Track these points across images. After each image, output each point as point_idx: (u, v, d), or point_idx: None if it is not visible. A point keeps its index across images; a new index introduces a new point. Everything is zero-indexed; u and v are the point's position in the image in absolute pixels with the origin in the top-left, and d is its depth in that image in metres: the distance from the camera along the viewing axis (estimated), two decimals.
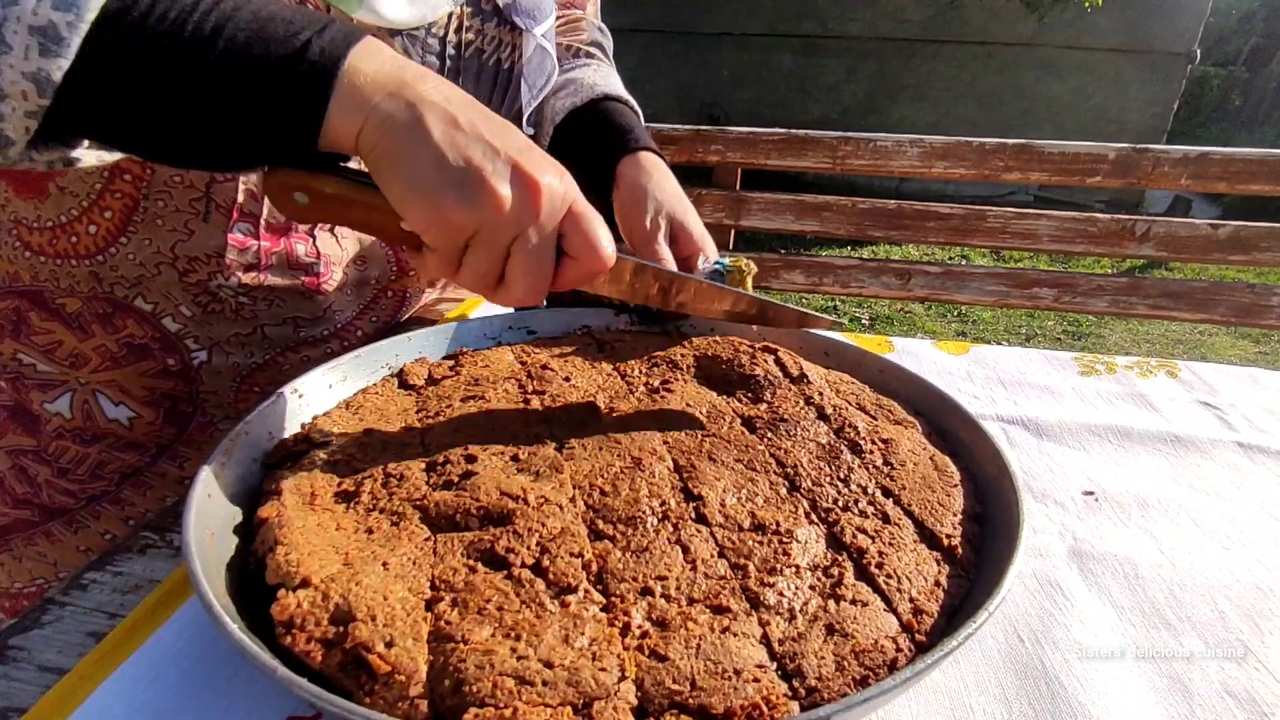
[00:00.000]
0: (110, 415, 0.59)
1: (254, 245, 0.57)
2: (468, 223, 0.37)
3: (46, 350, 0.57)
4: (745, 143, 1.58)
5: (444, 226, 0.37)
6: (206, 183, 0.54)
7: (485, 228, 0.37)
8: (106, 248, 0.54)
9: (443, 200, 0.36)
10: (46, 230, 0.54)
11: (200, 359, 0.60)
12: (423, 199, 0.36)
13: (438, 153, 0.36)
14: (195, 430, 0.62)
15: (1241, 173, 1.43)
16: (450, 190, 0.36)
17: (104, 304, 0.56)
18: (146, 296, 0.57)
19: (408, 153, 0.36)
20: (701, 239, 0.61)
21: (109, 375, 0.58)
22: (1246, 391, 0.66)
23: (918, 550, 0.37)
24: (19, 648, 0.36)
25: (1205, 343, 3.34)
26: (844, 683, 0.30)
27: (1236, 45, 10.53)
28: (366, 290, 0.67)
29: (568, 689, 0.28)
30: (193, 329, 0.59)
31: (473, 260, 0.38)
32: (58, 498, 0.60)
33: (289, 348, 0.63)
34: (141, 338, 0.58)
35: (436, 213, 0.36)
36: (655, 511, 0.38)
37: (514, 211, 0.37)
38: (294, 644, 0.29)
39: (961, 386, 0.66)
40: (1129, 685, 0.37)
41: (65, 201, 0.53)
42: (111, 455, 0.60)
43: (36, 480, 0.60)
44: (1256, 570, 0.45)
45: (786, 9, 5.24)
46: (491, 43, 0.63)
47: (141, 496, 0.62)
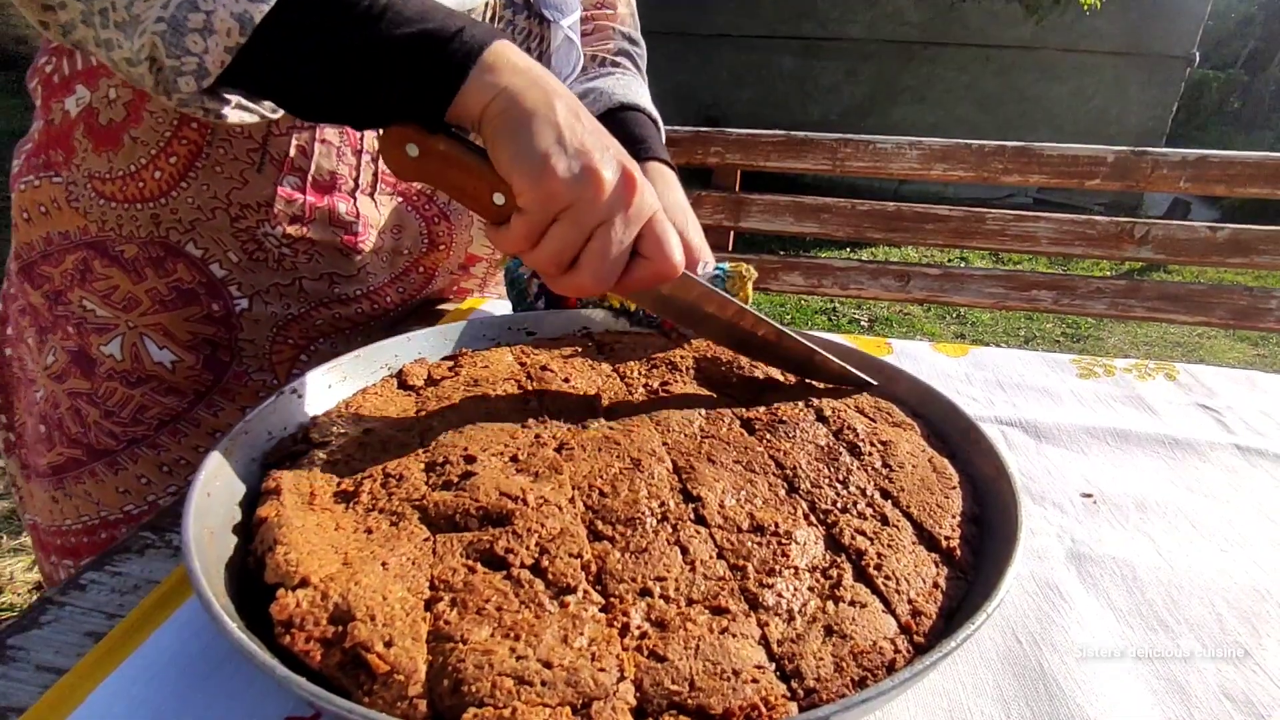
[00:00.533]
0: (156, 358, 0.63)
1: (300, 199, 0.63)
2: (567, 194, 0.39)
3: (105, 295, 0.62)
4: (745, 144, 1.58)
5: (544, 192, 0.39)
6: (263, 135, 0.60)
7: (581, 203, 0.40)
8: (169, 190, 0.60)
9: (552, 167, 0.39)
10: (118, 179, 0.59)
11: (242, 306, 0.64)
12: (534, 163, 0.39)
13: (558, 129, 0.40)
14: (231, 379, 0.66)
15: (1240, 176, 1.43)
16: (560, 160, 0.39)
17: (158, 248, 0.61)
18: (198, 241, 0.62)
19: (530, 122, 0.39)
20: (700, 249, 0.63)
21: (157, 318, 0.63)
22: (1244, 394, 0.66)
23: (916, 552, 0.37)
24: (17, 647, 0.36)
25: (1204, 345, 3.34)
26: (842, 684, 0.30)
27: (1235, 48, 10.55)
28: (399, 261, 0.71)
29: (567, 689, 0.28)
30: (237, 275, 0.63)
31: (558, 233, 0.40)
32: (103, 439, 0.64)
33: (323, 303, 0.68)
34: (190, 282, 0.62)
35: (542, 177, 0.39)
36: (654, 512, 0.38)
37: (611, 197, 0.40)
38: (293, 643, 0.29)
39: (960, 389, 0.66)
40: (1127, 687, 0.37)
41: (136, 151, 0.59)
42: (153, 399, 0.64)
43: (87, 421, 0.64)
44: (1254, 573, 0.45)
45: (786, 11, 5.25)
46: (521, 33, 0.68)
47: (176, 444, 0.65)
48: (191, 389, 0.65)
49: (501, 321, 0.61)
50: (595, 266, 0.41)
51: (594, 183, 0.39)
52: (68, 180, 0.60)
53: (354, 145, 0.64)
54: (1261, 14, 10.64)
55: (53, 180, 0.61)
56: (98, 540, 0.66)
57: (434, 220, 0.72)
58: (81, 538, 0.66)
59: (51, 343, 0.64)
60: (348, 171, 0.65)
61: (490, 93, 0.40)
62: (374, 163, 0.66)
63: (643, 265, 0.43)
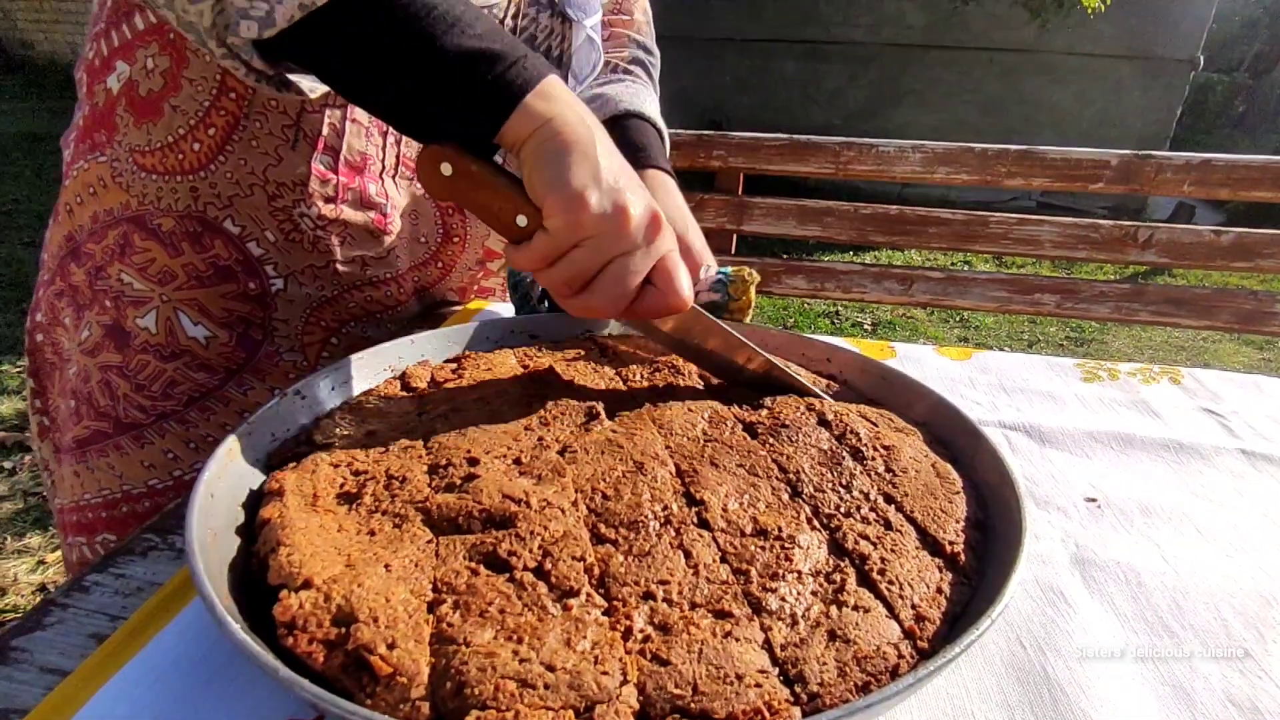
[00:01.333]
0: (190, 333, 0.64)
1: (333, 179, 0.64)
2: (595, 226, 0.41)
3: (142, 268, 0.63)
4: (748, 148, 1.58)
5: (574, 220, 0.41)
6: (297, 111, 0.61)
7: (604, 234, 0.42)
8: (208, 164, 0.60)
9: (586, 198, 0.41)
10: (157, 151, 0.60)
11: (277, 286, 0.65)
12: (568, 190, 0.41)
13: (596, 164, 0.42)
14: (263, 358, 0.67)
15: (1245, 180, 1.43)
16: (595, 193, 0.41)
17: (195, 222, 0.62)
18: (235, 219, 0.62)
19: (570, 153, 0.42)
20: (701, 254, 0.64)
21: (192, 293, 0.63)
22: (1250, 399, 0.66)
23: (920, 557, 0.37)
24: (21, 649, 0.36)
25: (1209, 349, 3.33)
26: (846, 688, 0.30)
27: (1240, 52, 10.53)
28: (418, 250, 0.73)
29: (569, 692, 0.28)
30: (274, 255, 0.64)
31: (577, 257, 0.43)
32: (131, 412, 0.64)
33: (355, 285, 0.69)
34: (227, 259, 0.63)
35: (574, 204, 0.41)
36: (657, 516, 0.38)
37: (635, 230, 0.42)
38: (296, 645, 0.29)
39: (964, 393, 0.66)
40: (1132, 692, 0.37)
41: (175, 121, 0.59)
42: (185, 374, 0.65)
43: (117, 394, 0.64)
44: (1260, 578, 0.45)
45: (789, 15, 5.25)
46: (544, 31, 0.70)
47: (205, 421, 0.66)
48: (223, 366, 0.65)
49: (505, 324, 0.62)
50: (608, 291, 0.43)
51: (622, 219, 0.42)
52: (111, 158, 0.61)
53: (381, 126, 0.65)
54: (1266, 17, 10.63)
55: (98, 160, 0.62)
56: (117, 515, 0.66)
57: (448, 211, 0.73)
58: (100, 512, 0.66)
59: (88, 318, 0.65)
60: (375, 152, 0.66)
61: (538, 121, 0.42)
62: (397, 145, 0.67)
63: (653, 295, 0.45)
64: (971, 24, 4.99)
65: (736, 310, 0.61)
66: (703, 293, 0.61)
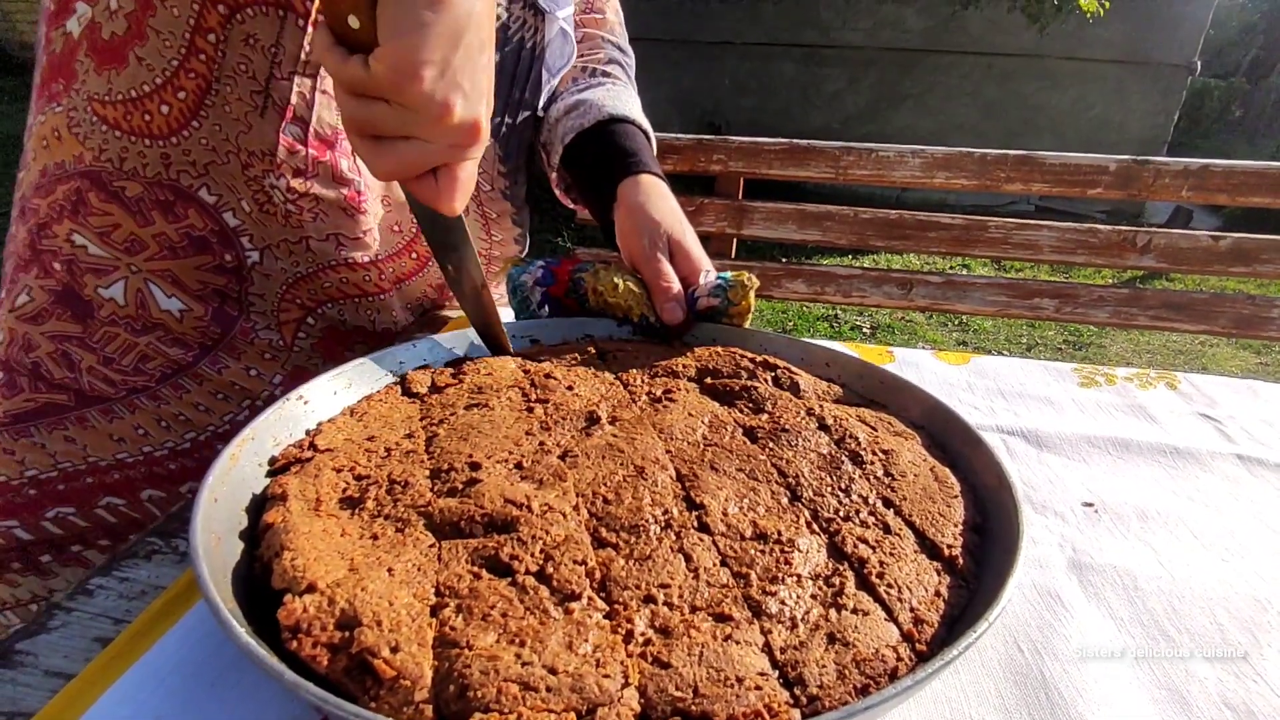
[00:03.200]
0: (163, 306, 0.62)
1: (302, 151, 0.61)
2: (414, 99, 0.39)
3: (101, 232, 0.59)
4: (747, 152, 1.59)
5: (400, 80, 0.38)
6: (265, 77, 0.58)
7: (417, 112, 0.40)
8: (180, 129, 0.58)
9: (423, 72, 0.38)
10: (119, 104, 0.57)
11: (253, 259, 0.63)
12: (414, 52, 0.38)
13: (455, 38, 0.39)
14: (238, 334, 0.65)
15: (1242, 185, 1.44)
16: (433, 72, 0.38)
17: (167, 191, 0.59)
18: (211, 187, 0.60)
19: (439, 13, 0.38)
20: (699, 257, 0.64)
21: (165, 264, 0.61)
22: (1246, 404, 0.66)
23: (918, 560, 0.37)
24: (25, 652, 0.36)
25: (1206, 354, 3.34)
26: (845, 691, 0.30)
27: (1237, 57, 10.57)
28: (393, 239, 0.71)
29: (571, 695, 0.28)
30: (249, 227, 0.62)
31: (380, 112, 0.40)
32: (97, 385, 0.62)
33: (330, 265, 0.67)
34: (202, 229, 0.61)
35: (411, 69, 0.38)
36: (658, 520, 0.38)
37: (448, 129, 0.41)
38: (300, 648, 0.29)
39: (962, 397, 0.66)
40: (1128, 696, 0.37)
41: (140, 74, 0.56)
42: (158, 349, 0.62)
43: (79, 366, 0.61)
44: (1255, 583, 0.45)
45: (788, 18, 5.26)
46: (516, 22, 0.69)
47: (177, 398, 0.64)
48: (198, 341, 0.63)
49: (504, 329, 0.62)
50: (391, 160, 0.42)
51: (442, 112, 0.40)
52: (68, 107, 0.58)
53: None
54: (1263, 23, 10.66)
55: (53, 110, 0.59)
56: (80, 486, 0.63)
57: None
58: (56, 485, 0.63)
59: (24, 280, 0.61)
60: None
61: None
62: None
63: (428, 185, 0.45)
64: (970, 28, 5.01)
65: (736, 315, 0.61)
66: (702, 297, 0.61)
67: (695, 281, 0.62)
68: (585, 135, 0.71)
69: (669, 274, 0.61)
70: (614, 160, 0.69)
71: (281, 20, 0.57)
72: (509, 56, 0.69)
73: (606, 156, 0.70)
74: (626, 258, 0.65)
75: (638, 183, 0.66)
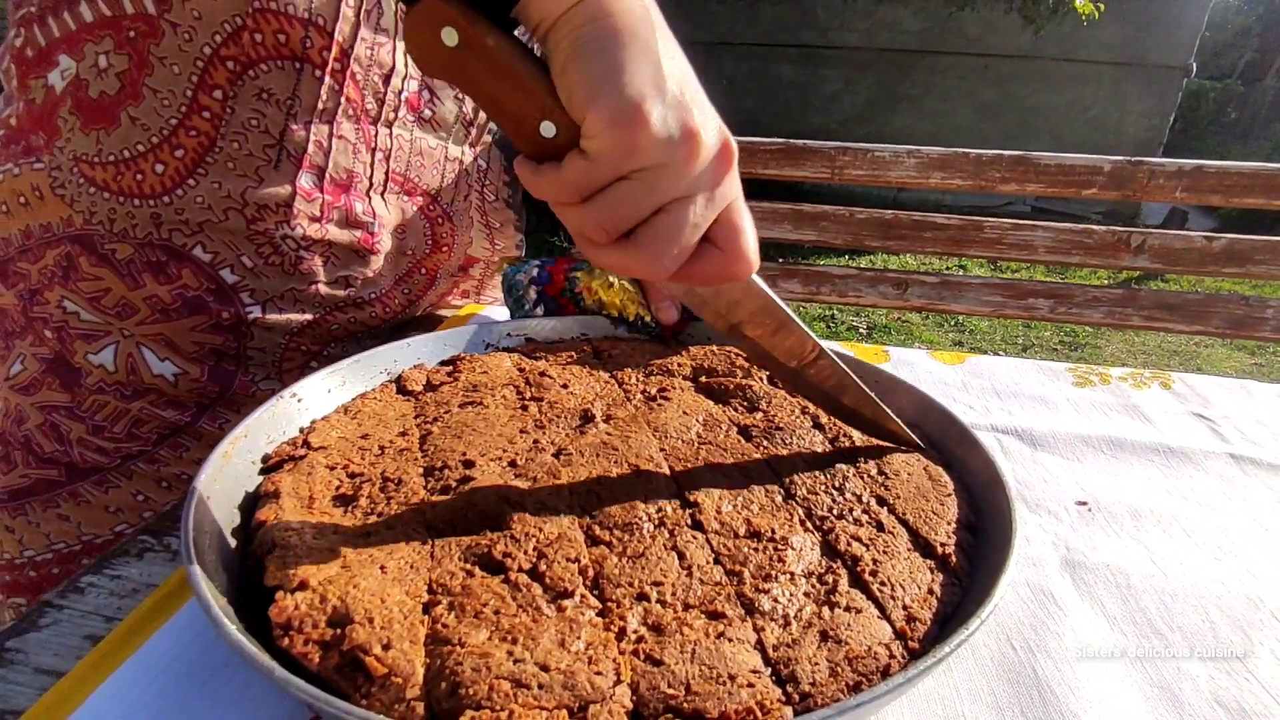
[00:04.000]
0: (155, 371, 0.58)
1: (318, 197, 0.60)
2: (654, 153, 0.31)
3: (93, 298, 0.56)
4: (744, 152, 1.59)
5: (626, 142, 0.31)
6: (280, 129, 0.57)
7: (665, 165, 0.31)
8: (174, 188, 0.55)
9: (645, 110, 0.30)
10: (110, 165, 0.54)
11: (254, 314, 0.60)
12: (622, 102, 0.30)
13: (658, 67, 0.31)
14: (238, 389, 0.61)
15: (1236, 186, 1.44)
16: (657, 108, 0.31)
17: (159, 251, 0.56)
18: (206, 245, 0.57)
19: (626, 47, 0.31)
20: None
21: (157, 328, 0.58)
22: (1239, 403, 0.67)
23: (911, 558, 0.37)
24: (16, 650, 0.36)
25: (1201, 354, 3.35)
26: (837, 688, 0.30)
27: (1232, 59, 10.61)
28: (403, 262, 0.69)
29: (563, 692, 0.28)
30: (250, 281, 0.59)
31: (624, 194, 0.32)
32: (89, 455, 0.58)
33: (337, 307, 0.65)
34: (196, 289, 0.57)
35: (630, 123, 0.30)
36: (651, 518, 0.38)
37: (703, 167, 0.32)
38: (291, 646, 0.29)
39: (957, 396, 0.66)
40: (1120, 694, 0.37)
41: (134, 135, 0.53)
42: (151, 413, 0.59)
43: (68, 438, 0.58)
44: (1248, 581, 0.45)
45: (786, 19, 5.27)
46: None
47: (177, 458, 0.60)
48: (194, 401, 0.60)
49: (500, 327, 0.62)
50: (660, 244, 0.33)
51: (690, 144, 0.31)
52: (50, 165, 0.54)
53: (369, 143, 0.62)
54: (1258, 25, 10.71)
55: (34, 167, 0.54)
56: (75, 569, 0.60)
57: (438, 221, 0.70)
58: (50, 568, 0.60)
59: (20, 348, 0.58)
60: (363, 169, 0.62)
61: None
62: (386, 161, 0.64)
63: (712, 257, 0.35)
64: (967, 30, 5.02)
65: None
66: None
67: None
68: None
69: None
70: None
71: (298, 72, 0.56)
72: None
73: None
74: None
75: None
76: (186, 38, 0.53)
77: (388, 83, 0.60)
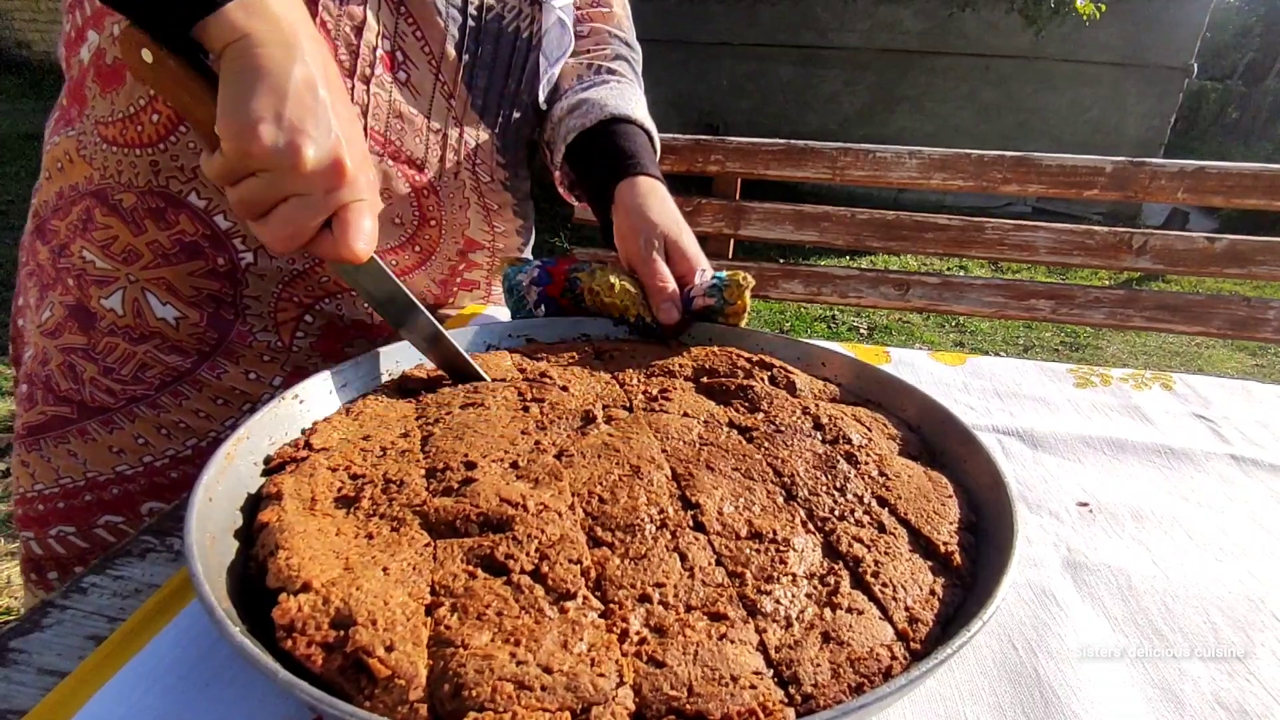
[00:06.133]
0: (158, 314, 0.63)
1: None
2: (265, 160, 0.42)
3: (104, 245, 0.61)
4: (745, 153, 1.59)
5: (241, 150, 0.41)
6: None
7: (276, 170, 0.42)
8: (167, 135, 0.59)
9: (258, 132, 0.41)
10: (117, 123, 0.59)
11: (247, 260, 0.63)
12: (241, 122, 0.41)
13: (282, 95, 0.42)
14: (235, 338, 0.65)
15: (1237, 187, 1.44)
16: (269, 129, 0.41)
17: (158, 199, 0.60)
18: (201, 191, 0.61)
19: (258, 79, 0.41)
20: (696, 257, 0.64)
21: (159, 272, 0.62)
22: (1240, 404, 0.67)
23: (913, 559, 0.37)
24: (19, 650, 0.36)
25: (1202, 355, 3.35)
26: (839, 690, 0.30)
27: (1233, 60, 10.61)
28: (394, 231, 0.70)
29: (566, 694, 0.28)
30: (242, 228, 0.62)
31: (250, 185, 0.43)
32: (99, 395, 0.63)
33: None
34: (193, 234, 0.61)
35: (244, 134, 0.41)
36: (653, 519, 0.38)
37: (310, 174, 0.42)
38: (294, 648, 0.29)
39: (958, 397, 0.66)
40: (1122, 694, 0.37)
41: (136, 90, 0.58)
42: (156, 357, 0.63)
43: (82, 377, 0.63)
44: (1248, 582, 0.45)
45: (785, 19, 5.27)
46: (511, 11, 0.68)
47: (177, 406, 0.64)
48: (195, 348, 0.64)
49: (501, 328, 0.62)
50: (277, 226, 0.44)
51: (294, 158, 0.42)
52: (79, 131, 0.60)
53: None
54: (1259, 26, 10.71)
55: (67, 134, 0.61)
56: (77, 504, 0.64)
57: (423, 193, 0.70)
58: (56, 502, 0.64)
59: (50, 298, 0.63)
60: None
61: (233, 34, 0.42)
62: (364, 116, 0.64)
63: (327, 239, 0.45)
64: (967, 31, 5.02)
65: (731, 314, 0.62)
66: (698, 297, 0.61)
67: (691, 281, 0.62)
68: (587, 135, 0.71)
69: (665, 274, 0.61)
70: (613, 161, 0.69)
71: None
72: (503, 47, 0.69)
73: (606, 157, 0.70)
74: (623, 258, 0.65)
75: (635, 184, 0.66)
76: None
77: (360, 35, 0.61)
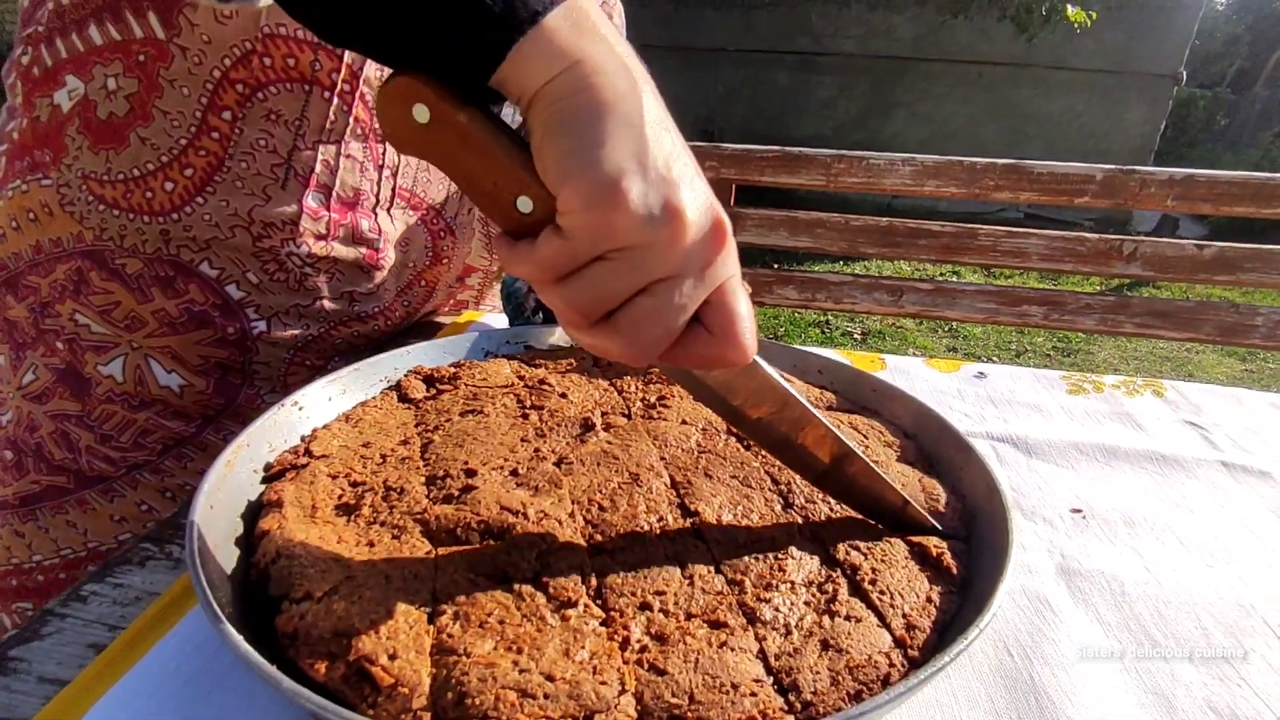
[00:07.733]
0: (162, 382, 0.60)
1: (325, 216, 0.60)
2: (632, 228, 0.28)
3: (103, 310, 0.58)
4: (739, 159, 1.59)
5: (601, 218, 0.28)
6: (289, 149, 0.57)
7: (646, 246, 0.29)
8: (183, 206, 0.56)
9: (623, 188, 0.28)
10: (119, 183, 0.55)
11: (259, 329, 0.61)
12: (598, 175, 0.28)
13: (642, 138, 0.29)
14: (243, 402, 0.63)
15: (1225, 195, 1.46)
16: (637, 185, 0.28)
17: (166, 267, 0.57)
18: (214, 261, 0.58)
19: (605, 119, 0.28)
20: None
21: (164, 341, 0.59)
22: (1230, 411, 0.67)
23: (910, 567, 0.38)
24: (20, 659, 0.36)
25: (1193, 360, 3.37)
26: (839, 697, 0.30)
27: (1222, 68, 10.72)
28: (405, 274, 0.69)
29: (569, 701, 0.28)
30: (255, 297, 0.60)
31: (602, 276, 0.30)
32: (97, 464, 0.60)
33: (342, 322, 0.65)
34: (203, 304, 0.59)
35: (605, 197, 0.28)
36: (653, 527, 0.38)
37: (690, 247, 0.29)
38: (297, 656, 0.29)
39: (952, 404, 0.67)
40: (1115, 699, 0.37)
41: (144, 154, 0.55)
42: (158, 423, 0.60)
43: (78, 446, 0.59)
44: (1239, 587, 0.46)
45: (781, 26, 5.30)
46: None
47: (181, 469, 0.61)
48: (199, 413, 0.61)
49: (499, 335, 0.62)
50: (641, 331, 0.30)
51: (674, 227, 0.29)
52: (58, 182, 0.55)
53: (376, 160, 0.62)
54: (1248, 34, 10.82)
55: (41, 183, 0.56)
56: (79, 576, 0.60)
57: (440, 235, 0.70)
58: (58, 573, 0.61)
59: (31, 359, 0.59)
60: (369, 187, 0.63)
61: (561, 61, 0.28)
62: (393, 178, 0.64)
63: (703, 341, 0.32)
64: (960, 38, 5.06)
65: None
66: None
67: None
68: None
69: None
70: None
71: (306, 94, 0.56)
72: None
73: None
74: None
75: None
76: (196, 61, 0.53)
77: None
